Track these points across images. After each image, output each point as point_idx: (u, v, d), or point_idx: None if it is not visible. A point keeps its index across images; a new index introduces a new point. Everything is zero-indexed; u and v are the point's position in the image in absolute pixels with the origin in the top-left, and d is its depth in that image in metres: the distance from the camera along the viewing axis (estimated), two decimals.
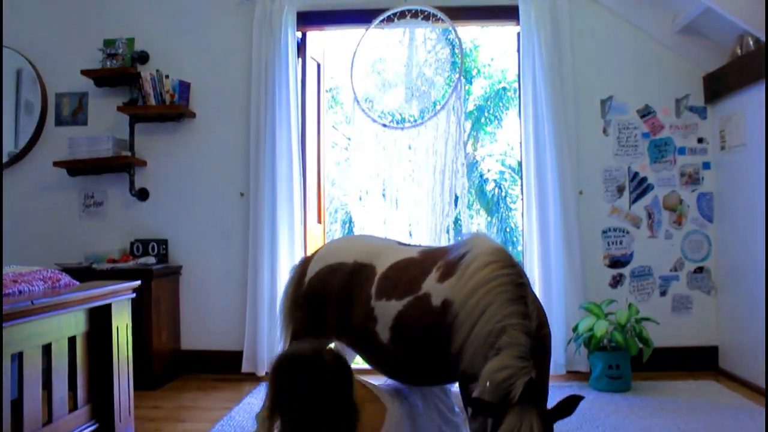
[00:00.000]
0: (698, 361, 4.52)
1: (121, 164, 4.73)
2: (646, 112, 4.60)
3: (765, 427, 2.37)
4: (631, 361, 4.08)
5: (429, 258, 2.60)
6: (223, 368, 4.65)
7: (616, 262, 4.57)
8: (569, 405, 2.06)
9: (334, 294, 2.71)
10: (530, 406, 2.02)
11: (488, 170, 11.19)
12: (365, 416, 2.20)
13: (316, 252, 2.98)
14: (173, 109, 4.68)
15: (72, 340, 2.84)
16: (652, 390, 4.02)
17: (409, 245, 2.91)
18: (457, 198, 4.48)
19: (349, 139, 7.23)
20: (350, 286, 2.69)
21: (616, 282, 4.56)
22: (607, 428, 3.33)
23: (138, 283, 3.24)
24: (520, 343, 2.13)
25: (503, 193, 10.86)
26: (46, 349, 2.65)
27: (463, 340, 2.25)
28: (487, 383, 2.07)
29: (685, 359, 4.52)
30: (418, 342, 2.47)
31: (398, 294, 2.53)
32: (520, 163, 4.72)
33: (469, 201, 10.96)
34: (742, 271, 4.21)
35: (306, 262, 2.96)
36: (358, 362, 3.36)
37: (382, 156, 4.60)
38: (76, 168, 4.77)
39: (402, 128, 4.66)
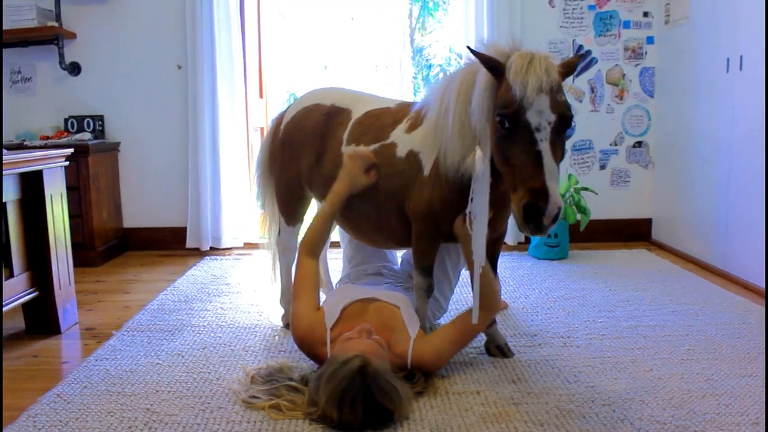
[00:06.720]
0: (633, 233, 4.70)
1: (48, 36, 4.47)
2: None
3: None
4: (569, 231, 4.21)
5: (404, 109, 2.52)
6: (168, 245, 4.64)
7: None
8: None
9: (308, 135, 2.64)
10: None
11: (434, 55, 11.04)
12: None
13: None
14: None
15: (3, 208, 2.76)
16: (587, 258, 4.17)
17: (392, 99, 2.74)
18: None
19: None
20: (325, 128, 2.62)
21: None
22: (543, 290, 3.45)
23: (70, 150, 3.11)
24: None
25: None
26: None
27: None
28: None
29: (621, 231, 4.68)
30: (379, 193, 2.43)
31: (367, 140, 2.48)
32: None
33: (415, 86, 10.81)
34: (678, 145, 4.30)
35: (283, 114, 2.86)
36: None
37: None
38: None
39: None
